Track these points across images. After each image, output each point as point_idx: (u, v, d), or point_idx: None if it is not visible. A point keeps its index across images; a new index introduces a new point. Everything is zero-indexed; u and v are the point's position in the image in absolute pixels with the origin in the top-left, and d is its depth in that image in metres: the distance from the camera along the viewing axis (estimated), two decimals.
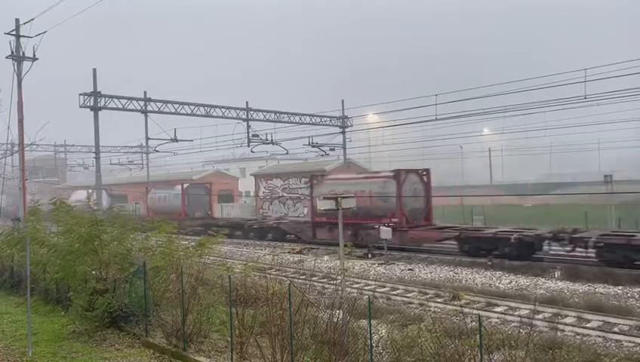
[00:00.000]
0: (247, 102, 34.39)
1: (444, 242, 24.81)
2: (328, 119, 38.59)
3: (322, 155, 40.82)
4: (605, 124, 35.35)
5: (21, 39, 22.64)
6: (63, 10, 24.56)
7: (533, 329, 10.78)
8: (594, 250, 19.25)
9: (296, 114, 36.74)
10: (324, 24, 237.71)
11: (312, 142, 37.79)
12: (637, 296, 15.16)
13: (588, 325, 12.52)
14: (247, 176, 58.21)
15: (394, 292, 16.89)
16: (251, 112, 34.36)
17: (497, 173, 57.31)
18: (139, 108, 30.11)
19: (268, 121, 35.54)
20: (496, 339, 9.26)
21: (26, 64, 22.66)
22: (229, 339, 9.39)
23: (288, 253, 27.20)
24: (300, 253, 27.07)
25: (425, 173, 27.53)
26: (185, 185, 44.02)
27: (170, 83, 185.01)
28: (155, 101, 30.50)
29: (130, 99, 29.54)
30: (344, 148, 39.86)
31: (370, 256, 24.00)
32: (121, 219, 12.89)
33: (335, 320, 8.66)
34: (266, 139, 35.86)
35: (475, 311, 13.16)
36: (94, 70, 27.82)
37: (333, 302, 9.80)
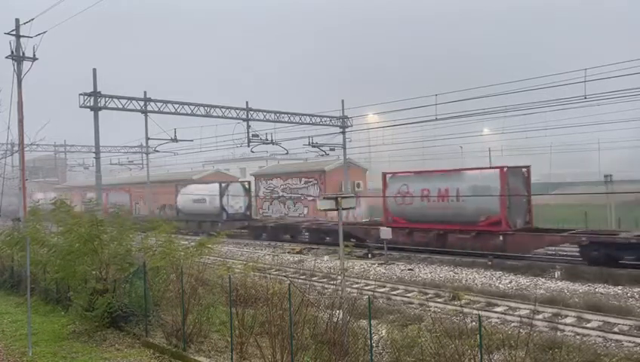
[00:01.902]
0: (247, 102, 34.35)
1: None
2: (328, 119, 38.54)
3: (322, 155, 40.82)
4: (605, 124, 35.23)
5: (21, 39, 22.59)
6: (63, 10, 24.53)
7: (533, 329, 10.79)
8: None
9: (296, 114, 36.69)
10: (324, 24, 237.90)
11: (312, 142, 37.75)
12: (637, 296, 15.16)
13: (588, 325, 12.51)
14: (248, 176, 58.15)
15: (394, 293, 16.89)
16: (251, 112, 34.30)
17: None
18: (139, 108, 30.07)
19: (268, 121, 35.48)
20: (497, 339, 9.28)
21: (26, 64, 22.59)
22: (229, 339, 9.39)
23: (288, 253, 27.21)
24: (300, 253, 27.08)
25: None
26: (502, 170, 22.05)
27: (170, 83, 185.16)
28: (155, 101, 30.46)
29: (130, 99, 29.50)
30: (344, 148, 39.80)
31: (370, 255, 24.02)
32: (120, 219, 12.88)
33: (335, 320, 8.65)
34: (266, 139, 35.81)
35: (475, 311, 13.18)
36: (94, 70, 27.79)
37: (333, 302, 9.81)
